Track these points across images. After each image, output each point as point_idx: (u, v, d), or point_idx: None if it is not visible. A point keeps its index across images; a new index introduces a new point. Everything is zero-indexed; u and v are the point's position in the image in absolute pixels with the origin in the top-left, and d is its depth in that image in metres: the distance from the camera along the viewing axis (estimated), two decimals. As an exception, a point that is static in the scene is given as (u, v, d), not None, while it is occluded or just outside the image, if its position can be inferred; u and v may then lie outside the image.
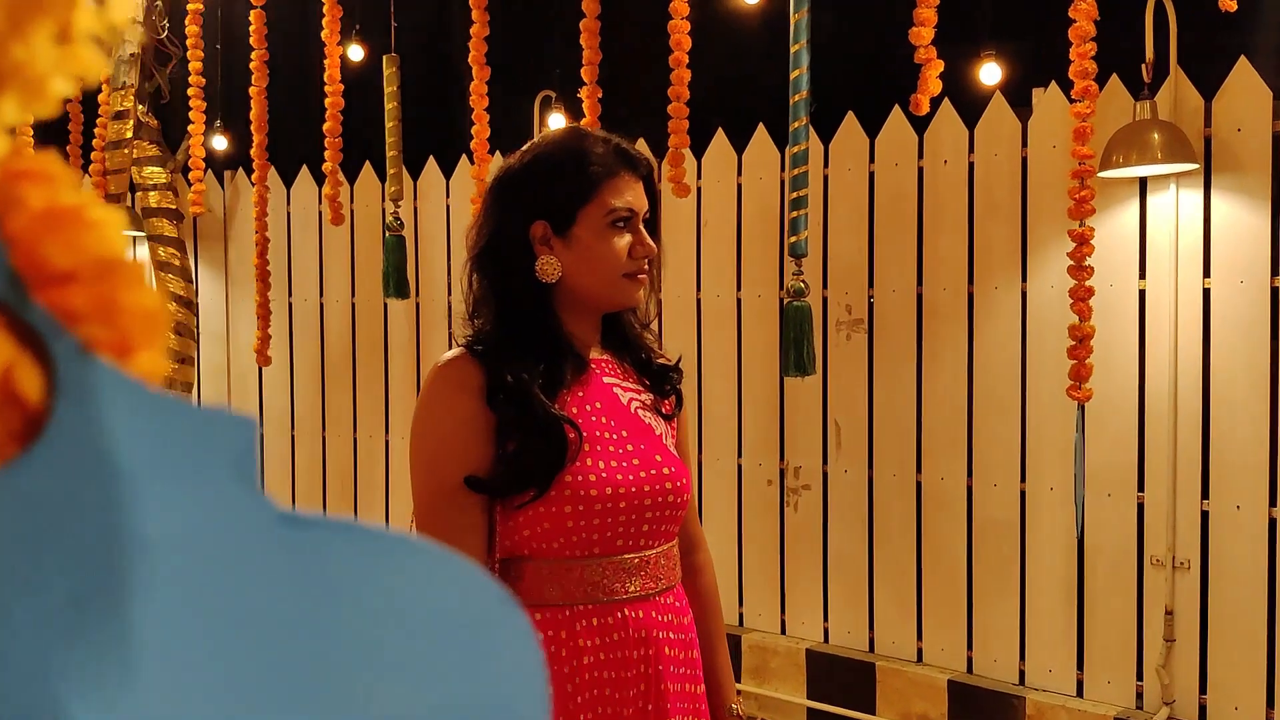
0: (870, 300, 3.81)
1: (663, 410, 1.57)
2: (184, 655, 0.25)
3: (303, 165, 5.07)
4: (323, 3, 3.99)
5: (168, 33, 4.73)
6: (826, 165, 3.89)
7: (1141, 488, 3.30)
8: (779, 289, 3.93)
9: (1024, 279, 3.50)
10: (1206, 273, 3.19)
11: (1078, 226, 2.85)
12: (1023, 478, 3.52)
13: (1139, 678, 3.31)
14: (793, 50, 2.73)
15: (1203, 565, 3.21)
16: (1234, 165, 3.14)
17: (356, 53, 4.34)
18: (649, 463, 1.47)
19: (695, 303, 4.19)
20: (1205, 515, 3.21)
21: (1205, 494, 3.21)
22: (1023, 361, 3.51)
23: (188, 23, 4.37)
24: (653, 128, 3.51)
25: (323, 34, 4.00)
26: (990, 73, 3.59)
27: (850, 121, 3.86)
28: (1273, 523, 3.11)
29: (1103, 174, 3.12)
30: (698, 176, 4.13)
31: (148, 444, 0.26)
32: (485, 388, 1.41)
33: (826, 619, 3.94)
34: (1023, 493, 3.52)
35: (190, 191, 4.80)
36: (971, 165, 3.61)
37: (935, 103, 3.29)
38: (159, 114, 4.90)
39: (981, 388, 3.60)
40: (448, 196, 4.80)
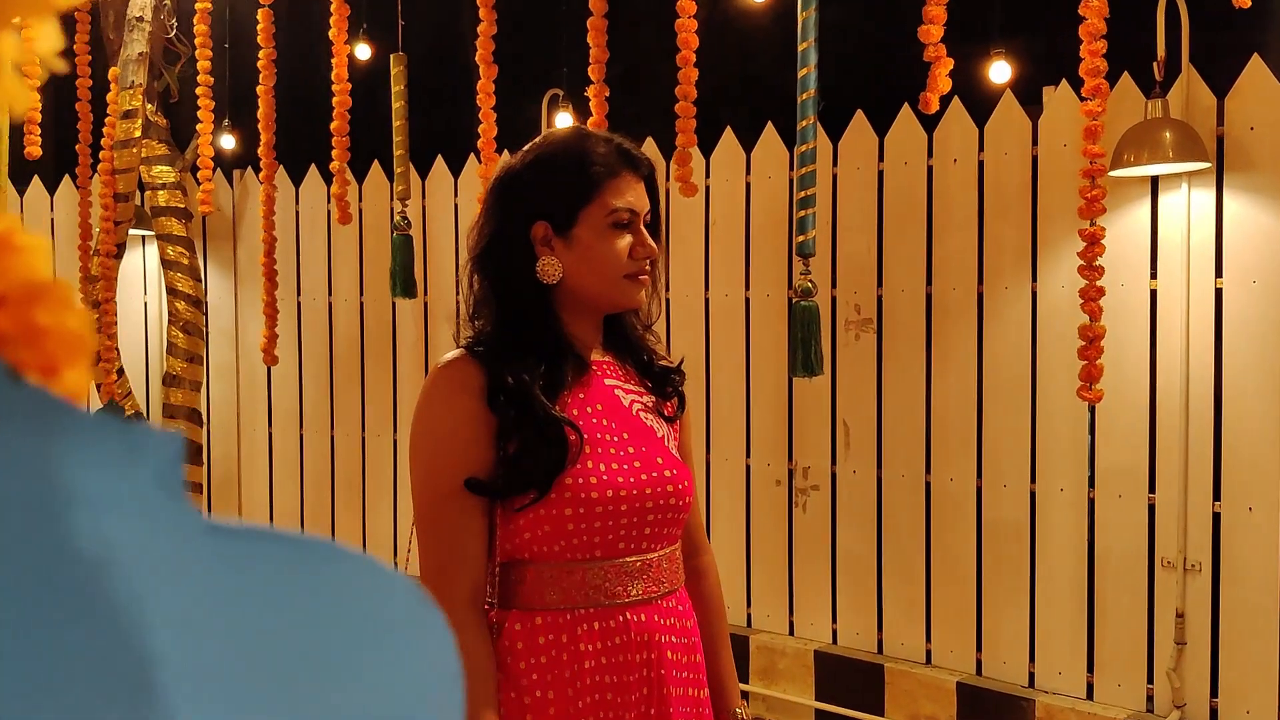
0: (879, 300, 3.80)
1: (665, 413, 1.55)
2: (117, 668, 0.25)
3: (311, 164, 5.07)
4: (330, 1, 3.98)
5: (176, 32, 4.73)
6: (835, 164, 3.87)
7: (1153, 489, 3.27)
8: (787, 288, 3.92)
9: (1034, 279, 3.48)
10: (1219, 273, 3.16)
11: (1088, 226, 2.83)
12: (1033, 478, 3.50)
13: (1150, 680, 3.29)
14: (800, 48, 2.71)
15: (1214, 567, 3.19)
16: (1246, 164, 3.11)
17: (364, 52, 4.33)
18: (650, 465, 1.46)
19: (703, 302, 4.18)
20: (1217, 517, 3.18)
21: (1217, 495, 3.18)
22: (1033, 362, 3.49)
23: (196, 22, 4.37)
24: (663, 126, 3.49)
25: (330, 33, 3.99)
26: (1000, 71, 3.56)
27: (859, 120, 3.84)
28: (1285, 525, 3.09)
29: (1114, 173, 3.09)
30: (706, 175, 4.11)
31: (75, 463, 0.26)
32: (486, 389, 1.40)
33: (835, 620, 3.93)
34: (1032, 493, 3.50)
35: (199, 190, 4.80)
36: (981, 164, 3.59)
37: (945, 101, 3.26)
38: (168, 113, 4.91)
39: (991, 388, 3.58)
40: (455, 195, 4.80)
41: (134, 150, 4.38)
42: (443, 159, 4.84)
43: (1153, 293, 3.25)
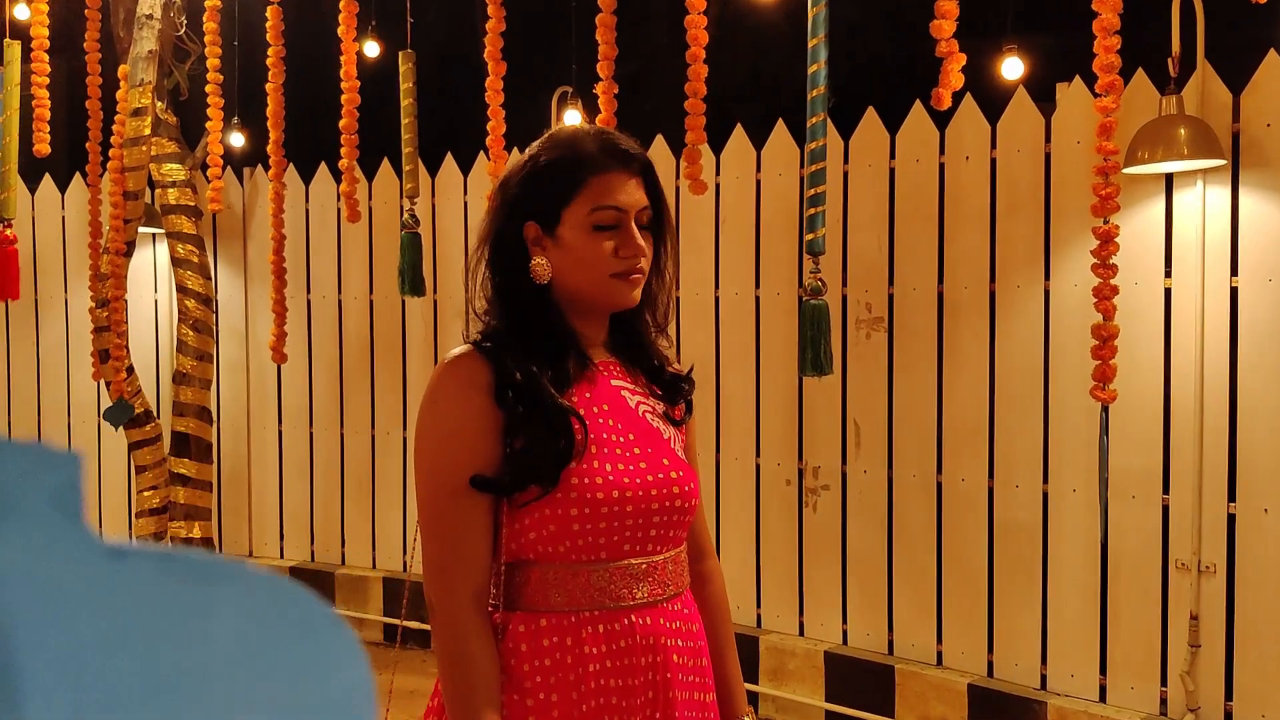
0: (890, 298, 3.77)
1: (673, 417, 1.54)
2: (18, 691, 0.24)
3: (321, 162, 5.06)
4: (339, -1, 3.97)
5: (186, 29, 4.72)
6: (846, 161, 3.84)
7: (1166, 490, 3.24)
8: (798, 286, 3.90)
9: (1047, 277, 3.45)
10: (1234, 271, 3.13)
11: (1102, 224, 2.80)
12: (1045, 479, 3.47)
13: (1163, 684, 3.26)
14: (810, 45, 2.69)
15: (1229, 569, 3.16)
16: (1263, 161, 3.08)
17: (373, 49, 4.32)
18: (656, 466, 1.44)
19: (714, 300, 4.16)
20: (1231, 518, 3.15)
21: (1231, 496, 3.15)
22: (1045, 361, 3.46)
23: (206, 19, 4.37)
24: (673, 123, 3.47)
25: (339, 30, 3.98)
26: (1013, 67, 3.53)
27: (870, 117, 3.82)
28: (1301, 526, 3.06)
29: (1128, 170, 3.06)
30: (716, 173, 4.09)
31: None
32: (494, 385, 1.39)
33: (845, 621, 3.90)
34: (1045, 494, 3.47)
35: (208, 188, 4.80)
36: (994, 161, 3.56)
37: (957, 98, 3.24)
38: (178, 111, 4.90)
39: (1003, 387, 3.55)
40: (465, 193, 4.79)
41: (144, 148, 4.38)
42: (452, 157, 4.83)
43: (1167, 291, 3.22)
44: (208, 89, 4.49)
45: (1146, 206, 3.24)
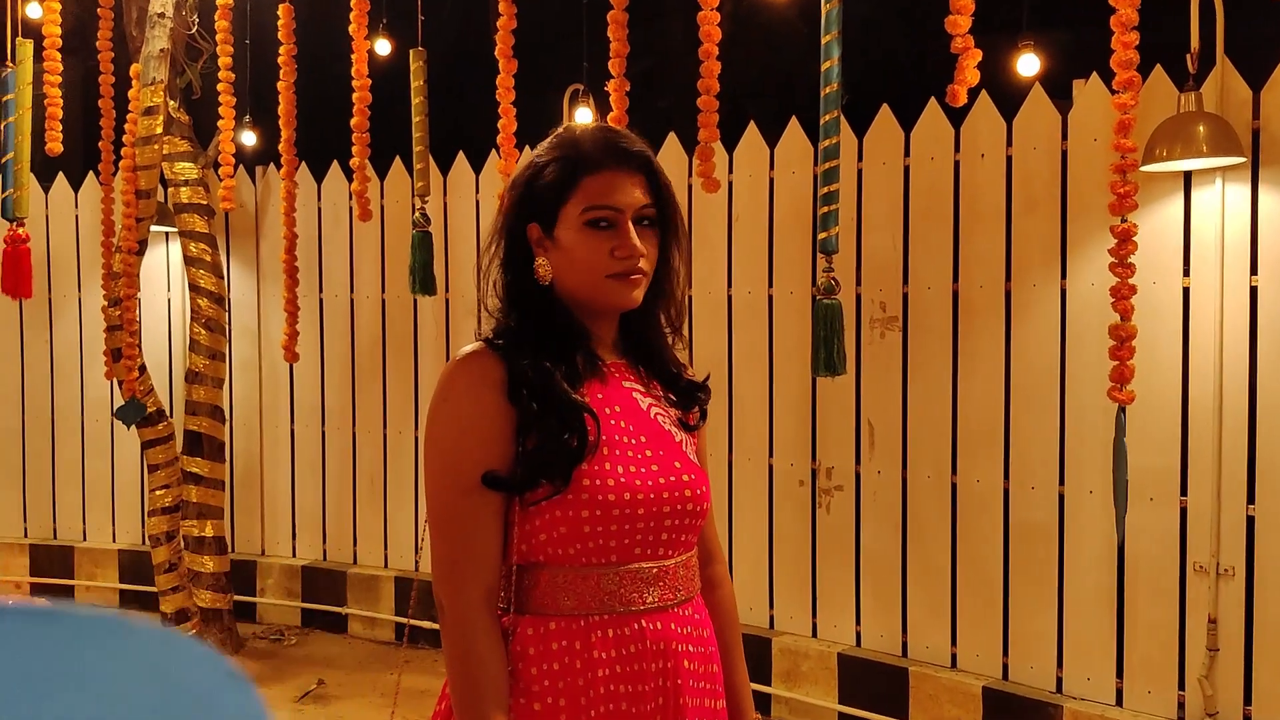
0: (905, 297, 3.74)
1: (687, 422, 1.52)
2: None
3: (333, 161, 5.06)
4: (351, -4, 3.97)
5: (198, 28, 4.72)
6: (860, 159, 3.82)
7: (1184, 492, 3.21)
8: (811, 286, 3.87)
9: (1063, 276, 3.42)
10: (1254, 270, 3.09)
11: (1119, 222, 2.76)
12: (1061, 480, 3.44)
13: (1181, 687, 3.22)
14: (824, 41, 2.66)
15: (1248, 572, 3.12)
16: (1283, 159, 3.04)
17: (384, 47, 4.31)
18: (668, 469, 1.42)
19: (726, 299, 4.14)
20: (1250, 520, 3.11)
21: (1251, 498, 3.11)
22: (1062, 361, 3.43)
23: (217, 18, 4.37)
24: (686, 121, 3.45)
25: (350, 28, 3.98)
26: (1029, 63, 3.49)
27: (885, 114, 3.79)
28: (1322, 529, 3.02)
29: (1145, 168, 3.03)
30: (729, 171, 4.07)
31: None
32: (506, 382, 1.38)
33: (859, 622, 3.88)
34: (1061, 495, 3.44)
35: (220, 187, 4.80)
36: (1009, 159, 3.53)
37: (972, 94, 3.21)
38: (190, 109, 4.90)
39: (1019, 388, 3.52)
40: (477, 192, 4.78)
41: (156, 147, 4.38)
42: (464, 155, 4.82)
43: (1185, 291, 3.19)
44: (220, 87, 4.49)
45: (1165, 205, 3.20)
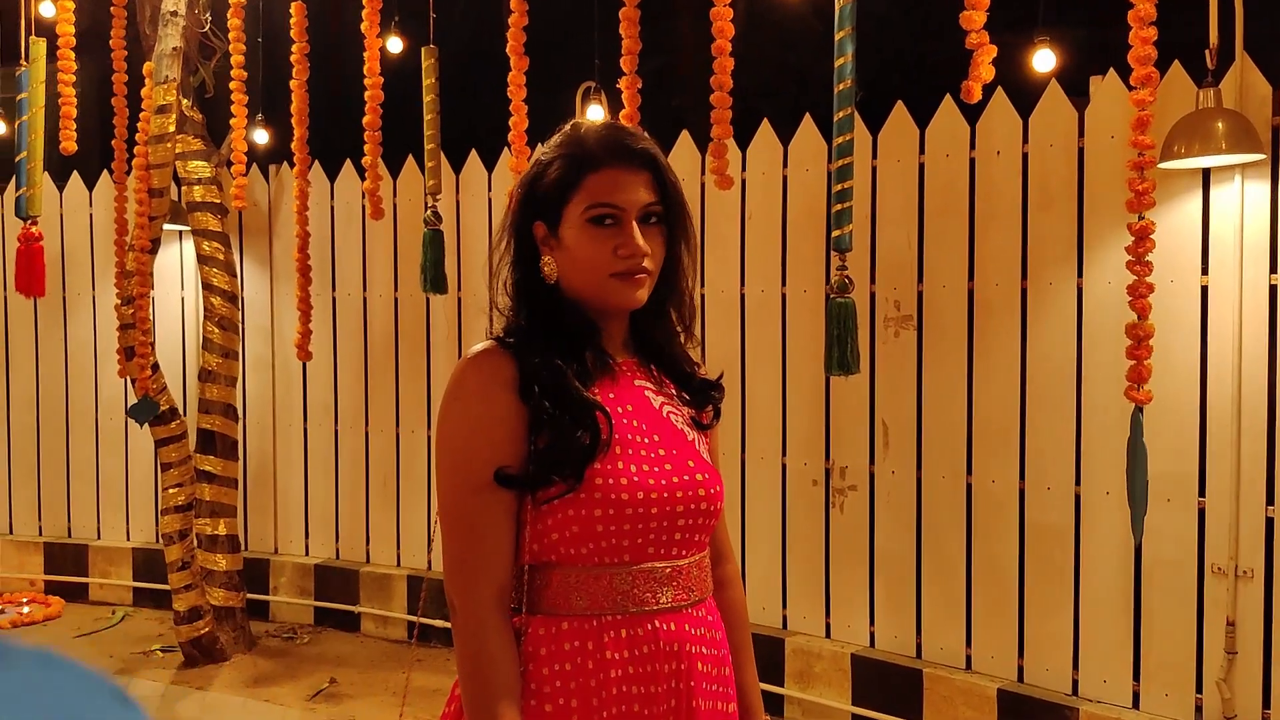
0: (920, 296, 3.72)
1: (700, 421, 1.50)
2: None
3: (346, 159, 5.06)
4: (363, -6, 3.96)
5: (210, 26, 4.72)
6: (875, 157, 3.79)
7: (1203, 493, 3.17)
8: (825, 284, 3.85)
9: (1080, 275, 3.38)
10: (1273, 268, 3.06)
11: (1137, 220, 2.73)
12: (1077, 481, 3.41)
13: (1199, 690, 3.19)
14: (837, 37, 2.64)
15: (1267, 574, 3.09)
16: (1304, 155, 3.01)
17: (396, 45, 4.30)
18: (682, 468, 1.41)
19: (739, 298, 4.12)
20: (1270, 522, 3.08)
21: (1270, 499, 3.08)
22: (1078, 360, 3.40)
23: (230, 16, 4.37)
24: (699, 118, 3.44)
25: (362, 26, 3.97)
26: (1045, 59, 3.46)
27: (899, 111, 3.76)
28: (1343, 531, 2.98)
29: (1163, 165, 3.00)
30: (742, 168, 4.05)
31: None
32: (518, 380, 1.37)
33: (873, 623, 3.85)
34: (1077, 496, 3.41)
35: (232, 186, 4.80)
36: (1025, 156, 3.50)
37: (988, 91, 3.17)
38: (203, 108, 4.91)
39: (1035, 387, 3.49)
40: (490, 190, 4.77)
41: (168, 145, 4.38)
42: (476, 153, 4.81)
43: (1204, 289, 3.15)
44: (232, 86, 4.49)
45: (1183, 202, 3.17)
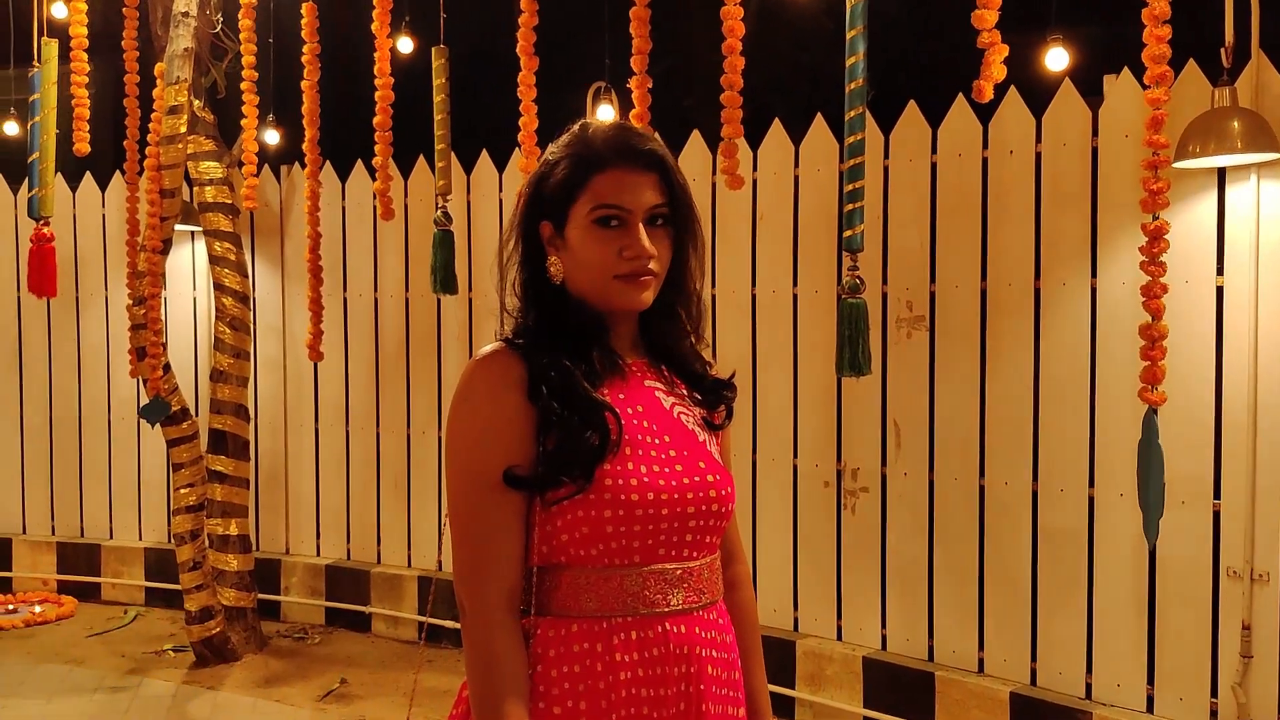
0: (932, 296, 3.70)
1: (712, 422, 1.49)
2: None
3: (357, 160, 5.06)
4: (373, -6, 3.96)
5: (222, 26, 4.73)
6: (887, 156, 3.77)
7: (1218, 495, 3.15)
8: (837, 284, 3.83)
9: (1094, 275, 3.36)
10: (1290, 268, 3.03)
11: (1151, 220, 2.71)
12: (1091, 483, 3.38)
13: (1213, 695, 3.16)
14: (849, 36, 2.63)
15: (1284, 577, 3.06)
16: (1321, 155, 2.98)
17: (406, 45, 4.30)
18: (693, 469, 1.40)
19: (750, 298, 4.10)
20: (1287, 525, 3.05)
21: (1287, 502, 3.05)
22: (1092, 361, 3.37)
23: (241, 17, 4.38)
24: (710, 118, 3.43)
25: (373, 26, 3.97)
26: (1058, 58, 3.43)
27: (911, 111, 3.74)
28: (1360, 534, 2.95)
29: (1178, 164, 2.97)
30: (753, 168, 4.03)
31: None
32: (527, 381, 1.36)
33: (884, 626, 3.84)
34: (1091, 498, 3.39)
35: (244, 186, 4.81)
36: (1039, 156, 3.48)
37: (1000, 90, 3.16)
38: (215, 108, 4.92)
39: (1048, 388, 3.47)
40: (501, 190, 4.77)
41: (180, 146, 4.39)
42: (487, 153, 4.81)
43: (1219, 290, 3.13)
44: (244, 86, 4.50)
45: (1197, 202, 3.14)
